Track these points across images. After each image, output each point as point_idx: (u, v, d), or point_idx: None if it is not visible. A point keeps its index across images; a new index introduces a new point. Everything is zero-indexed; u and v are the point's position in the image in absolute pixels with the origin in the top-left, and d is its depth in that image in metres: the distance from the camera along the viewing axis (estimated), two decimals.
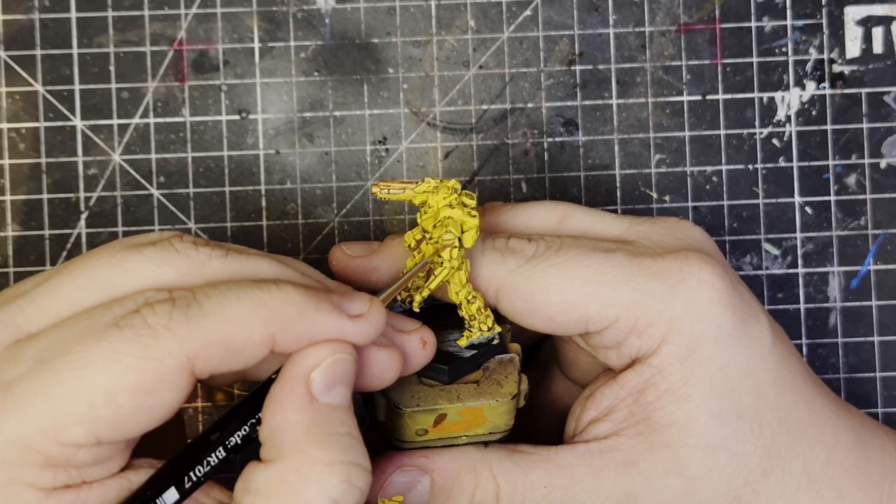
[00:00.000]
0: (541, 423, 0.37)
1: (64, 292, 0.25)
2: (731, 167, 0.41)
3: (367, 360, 0.26)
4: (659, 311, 0.29)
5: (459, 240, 0.29)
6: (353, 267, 0.32)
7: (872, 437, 0.32)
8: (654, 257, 0.30)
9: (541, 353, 0.39)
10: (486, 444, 0.31)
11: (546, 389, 0.37)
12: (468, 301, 0.30)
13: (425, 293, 0.29)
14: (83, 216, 0.40)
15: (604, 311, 0.29)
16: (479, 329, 0.30)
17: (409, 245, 0.30)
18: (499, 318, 0.31)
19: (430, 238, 0.29)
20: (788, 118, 0.41)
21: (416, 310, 0.30)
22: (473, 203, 0.30)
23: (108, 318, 0.24)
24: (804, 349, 0.41)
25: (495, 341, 0.31)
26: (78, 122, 0.40)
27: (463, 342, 0.30)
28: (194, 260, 0.26)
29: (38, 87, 0.40)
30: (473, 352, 0.30)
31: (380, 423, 0.30)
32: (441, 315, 0.31)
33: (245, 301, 0.24)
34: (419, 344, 0.28)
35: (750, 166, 0.41)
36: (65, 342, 0.23)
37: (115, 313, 0.24)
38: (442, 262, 0.29)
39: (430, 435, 0.30)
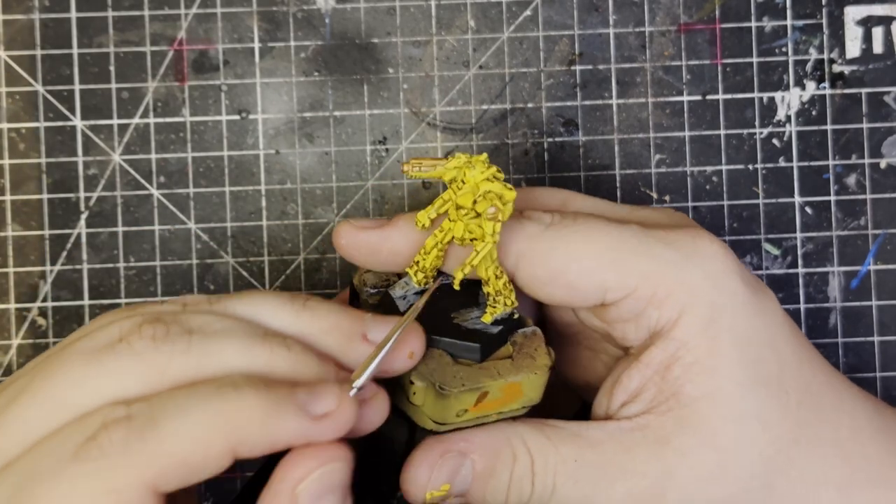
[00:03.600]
0: None
1: (30, 418, 0.25)
2: (731, 167, 0.41)
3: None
4: (678, 280, 0.29)
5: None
6: (362, 240, 0.30)
7: (885, 409, 0.33)
8: (666, 230, 0.30)
9: None
10: (513, 419, 0.30)
11: None
12: (496, 276, 0.30)
13: (467, 269, 0.29)
14: (83, 216, 0.40)
15: (623, 280, 0.29)
16: (504, 304, 0.30)
17: (424, 225, 0.30)
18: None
19: (467, 213, 0.29)
20: (788, 118, 0.41)
21: (457, 288, 0.30)
22: (503, 177, 0.30)
23: (68, 447, 0.24)
24: None
25: (515, 316, 0.31)
26: (78, 122, 0.40)
27: (488, 318, 0.30)
28: (155, 364, 0.25)
29: (38, 87, 0.40)
30: (500, 327, 0.30)
31: (411, 407, 0.30)
32: (453, 294, 0.31)
33: (203, 414, 0.24)
34: (405, 355, 0.28)
35: (750, 166, 0.41)
36: (31, 483, 0.23)
37: (74, 441, 0.24)
38: (478, 237, 0.29)
39: (468, 415, 0.29)
